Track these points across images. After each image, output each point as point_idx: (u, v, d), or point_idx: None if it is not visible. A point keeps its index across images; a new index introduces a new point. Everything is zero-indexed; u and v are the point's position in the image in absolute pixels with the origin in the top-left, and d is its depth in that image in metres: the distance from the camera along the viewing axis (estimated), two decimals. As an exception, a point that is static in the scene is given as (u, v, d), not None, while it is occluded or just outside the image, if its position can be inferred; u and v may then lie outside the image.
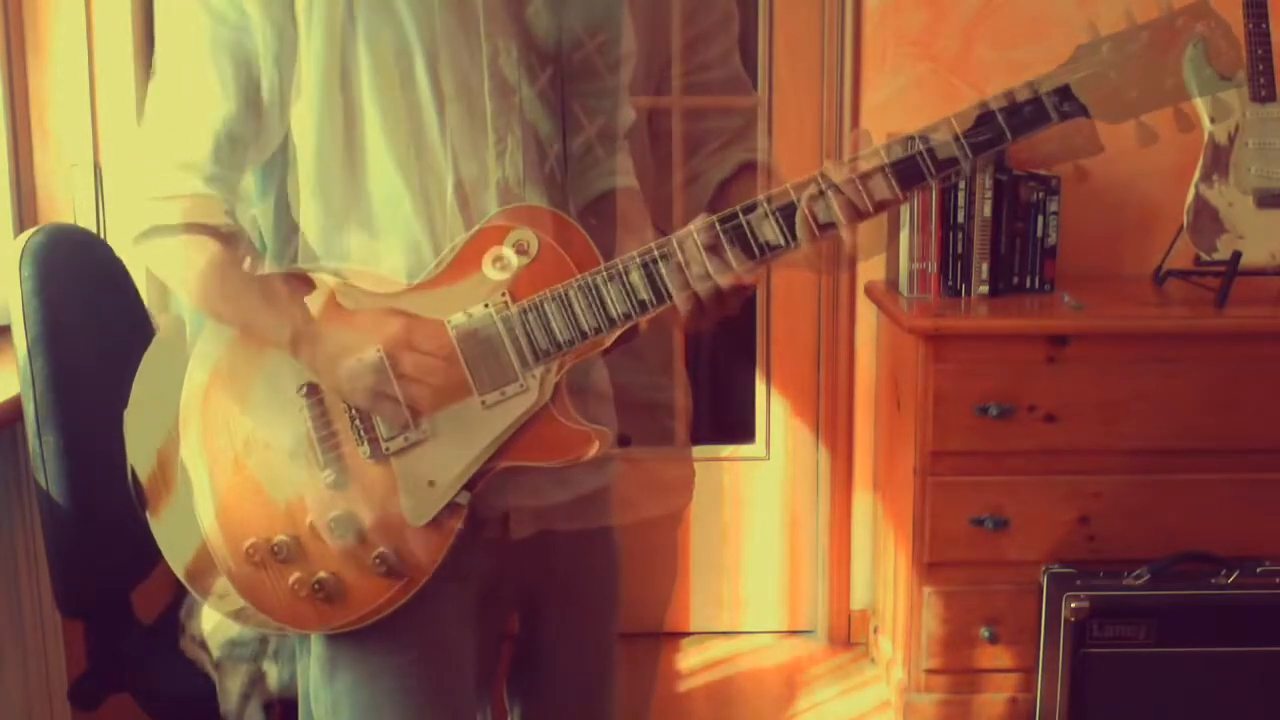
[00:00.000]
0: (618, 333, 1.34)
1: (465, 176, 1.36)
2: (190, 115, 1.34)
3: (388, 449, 1.32)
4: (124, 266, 2.08)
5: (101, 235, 2.53)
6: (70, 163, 2.64)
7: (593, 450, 1.34)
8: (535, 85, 1.41)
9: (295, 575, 1.32)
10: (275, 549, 1.32)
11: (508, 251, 1.33)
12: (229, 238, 1.36)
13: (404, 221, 1.35)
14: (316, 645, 1.39)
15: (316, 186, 1.35)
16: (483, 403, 1.32)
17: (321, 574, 1.32)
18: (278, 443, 1.33)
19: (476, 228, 1.34)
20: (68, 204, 2.64)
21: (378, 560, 1.32)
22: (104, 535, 1.83)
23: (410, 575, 1.33)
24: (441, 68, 1.34)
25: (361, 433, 1.32)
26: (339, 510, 1.32)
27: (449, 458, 1.32)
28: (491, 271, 1.33)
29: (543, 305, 1.32)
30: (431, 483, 1.33)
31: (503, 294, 1.33)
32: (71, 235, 2.00)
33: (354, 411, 1.32)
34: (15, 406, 1.86)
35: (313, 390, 1.33)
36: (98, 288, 1.99)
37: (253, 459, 1.34)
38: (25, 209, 2.64)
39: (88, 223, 2.58)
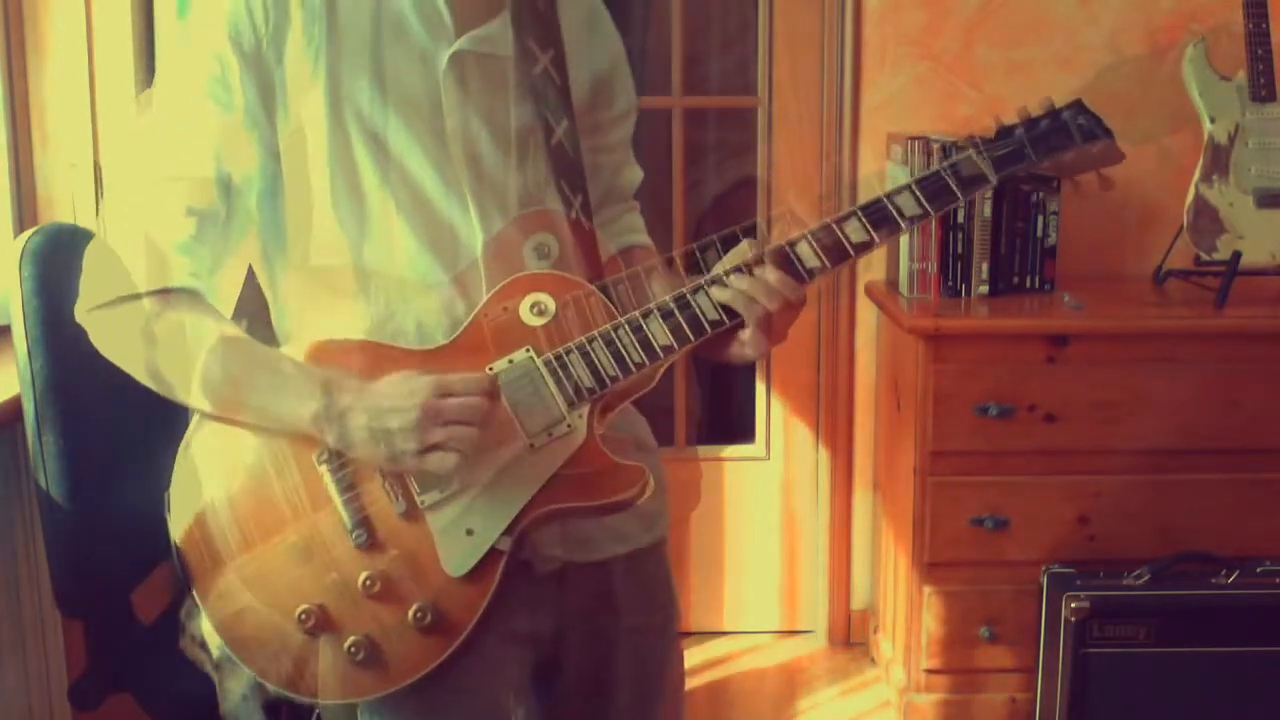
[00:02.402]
0: (663, 366, 1.34)
1: (493, 234, 1.36)
2: (175, 193, 1.33)
3: (422, 503, 1.31)
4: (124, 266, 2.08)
5: (101, 235, 2.54)
6: (70, 162, 2.64)
7: (645, 488, 1.33)
8: (551, 140, 1.41)
9: (351, 638, 1.31)
10: (325, 613, 1.31)
11: (546, 298, 1.33)
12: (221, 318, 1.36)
13: (429, 280, 1.35)
14: (385, 715, 1.37)
15: (337, 243, 1.35)
16: (531, 445, 1.32)
17: (368, 633, 1.31)
18: (306, 509, 1.32)
19: (504, 281, 1.34)
20: (68, 204, 2.64)
21: (419, 615, 1.30)
22: (104, 535, 1.82)
23: (455, 630, 1.31)
24: (448, 134, 1.34)
25: (393, 491, 1.31)
26: (372, 569, 1.31)
27: (489, 505, 1.31)
28: (530, 317, 1.33)
29: (587, 345, 1.32)
30: (470, 532, 1.31)
31: (542, 334, 1.33)
32: (71, 235, 2.00)
33: (383, 471, 1.31)
34: (15, 406, 1.86)
35: (334, 455, 1.31)
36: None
37: (290, 528, 1.32)
38: (25, 209, 2.64)
39: (88, 223, 2.58)
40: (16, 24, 2.62)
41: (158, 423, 1.40)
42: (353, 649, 1.30)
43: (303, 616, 1.31)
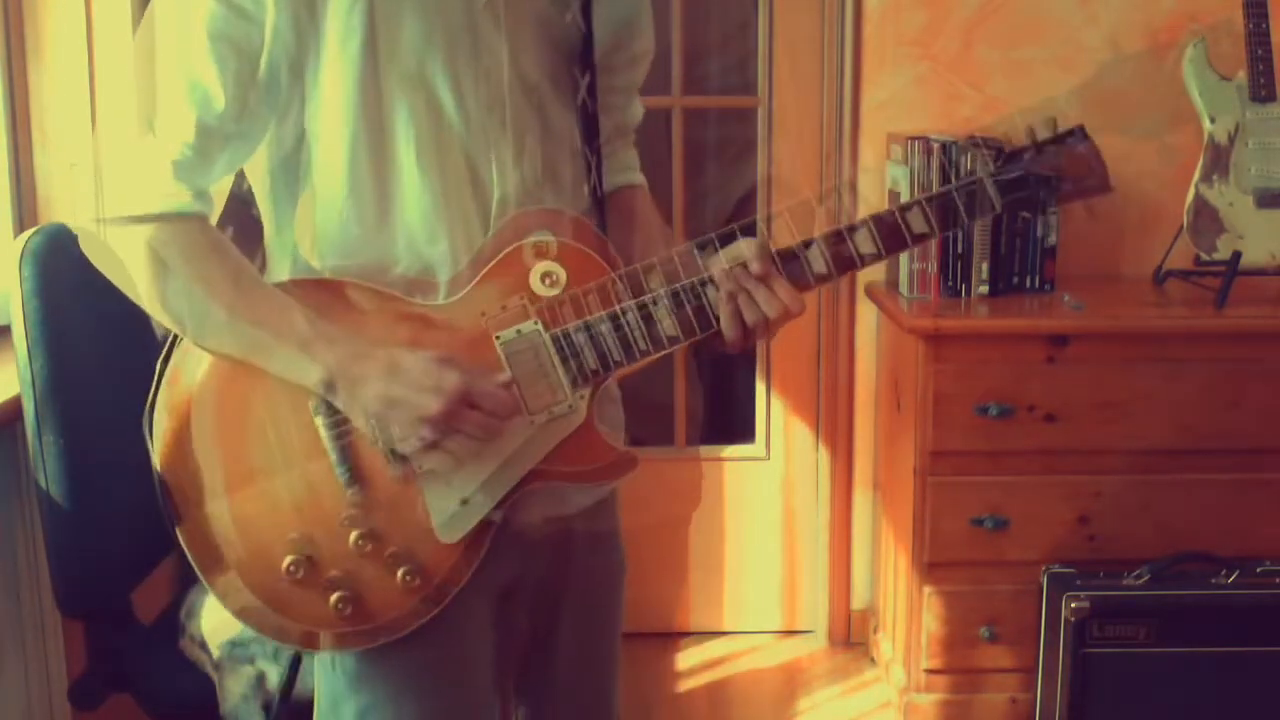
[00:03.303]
0: (664, 353, 1.34)
1: (505, 191, 1.35)
2: (179, 106, 1.29)
3: (419, 466, 1.31)
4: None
5: (102, 235, 2.53)
6: (70, 162, 2.64)
7: (632, 473, 1.35)
8: (577, 96, 1.40)
9: (338, 593, 1.31)
10: (313, 565, 1.30)
11: (557, 267, 1.32)
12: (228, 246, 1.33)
13: (441, 229, 1.33)
14: (342, 659, 1.38)
15: (349, 195, 1.32)
16: (531, 421, 1.32)
17: (355, 590, 1.31)
18: (299, 458, 1.31)
19: (511, 245, 1.33)
20: (68, 204, 2.64)
21: (407, 578, 1.31)
22: (104, 535, 1.82)
23: (439, 590, 1.32)
24: (480, 75, 1.33)
25: (390, 454, 1.30)
26: (364, 527, 1.31)
27: (484, 477, 1.31)
28: (541, 287, 1.32)
29: (595, 325, 1.32)
30: (464, 501, 1.31)
31: (548, 309, 1.32)
32: (71, 235, 2.00)
33: (379, 435, 1.30)
34: (15, 406, 1.86)
35: (331, 408, 1.30)
36: (98, 288, 1.99)
37: (281, 474, 1.31)
38: (25, 209, 2.64)
39: (88, 223, 2.57)
40: (16, 24, 2.61)
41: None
42: (340, 604, 1.30)
43: (291, 568, 1.30)
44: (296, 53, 1.29)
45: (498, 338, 1.31)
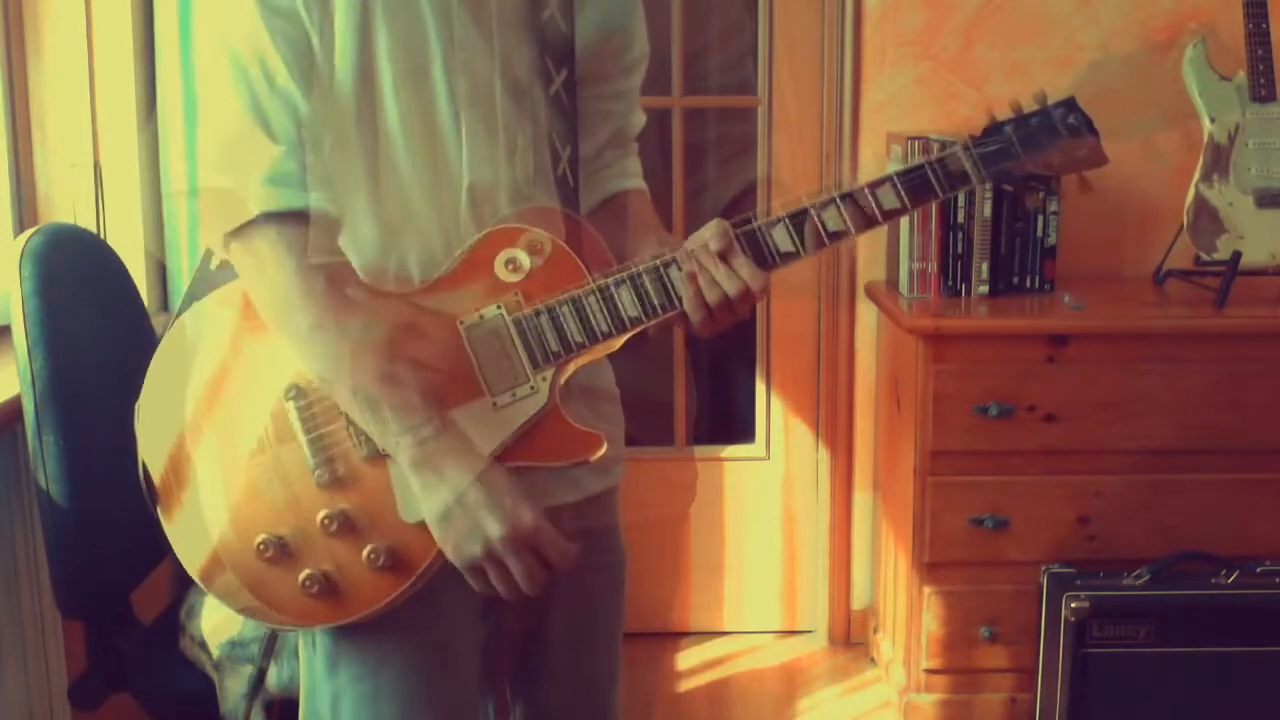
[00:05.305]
0: (628, 336, 1.35)
1: (478, 178, 1.36)
2: (269, 112, 1.31)
3: (383, 450, 1.32)
4: (124, 266, 2.08)
5: (101, 235, 2.53)
6: (70, 162, 2.64)
7: (599, 453, 1.35)
8: (550, 88, 1.41)
9: (305, 571, 1.32)
10: (283, 545, 1.32)
11: (521, 253, 1.34)
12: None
13: (419, 220, 1.36)
14: (320, 639, 1.40)
15: (334, 181, 1.34)
16: (494, 404, 1.33)
17: (323, 569, 1.32)
18: (271, 441, 1.34)
19: (489, 229, 1.35)
20: (68, 204, 2.64)
21: (372, 556, 1.32)
22: (104, 535, 1.83)
23: (408, 571, 1.33)
24: (457, 68, 1.35)
25: (356, 434, 1.32)
26: (331, 508, 1.32)
27: None
28: (504, 273, 1.34)
29: (556, 307, 1.33)
30: None
31: (515, 295, 1.33)
32: (71, 235, 2.00)
33: (347, 414, 1.32)
34: (15, 406, 1.86)
35: (300, 393, 1.33)
36: (98, 288, 1.99)
37: (254, 457, 1.34)
38: (25, 209, 2.64)
39: (88, 223, 2.58)
40: (16, 24, 2.61)
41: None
42: (307, 582, 1.32)
43: (261, 546, 1.32)
44: (323, 35, 1.31)
45: (461, 323, 1.33)
